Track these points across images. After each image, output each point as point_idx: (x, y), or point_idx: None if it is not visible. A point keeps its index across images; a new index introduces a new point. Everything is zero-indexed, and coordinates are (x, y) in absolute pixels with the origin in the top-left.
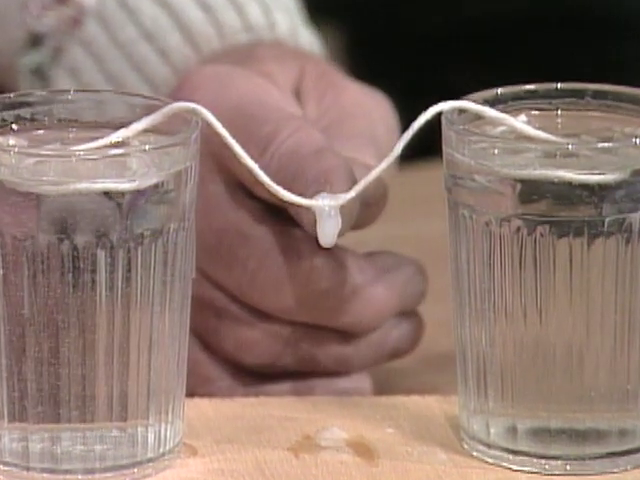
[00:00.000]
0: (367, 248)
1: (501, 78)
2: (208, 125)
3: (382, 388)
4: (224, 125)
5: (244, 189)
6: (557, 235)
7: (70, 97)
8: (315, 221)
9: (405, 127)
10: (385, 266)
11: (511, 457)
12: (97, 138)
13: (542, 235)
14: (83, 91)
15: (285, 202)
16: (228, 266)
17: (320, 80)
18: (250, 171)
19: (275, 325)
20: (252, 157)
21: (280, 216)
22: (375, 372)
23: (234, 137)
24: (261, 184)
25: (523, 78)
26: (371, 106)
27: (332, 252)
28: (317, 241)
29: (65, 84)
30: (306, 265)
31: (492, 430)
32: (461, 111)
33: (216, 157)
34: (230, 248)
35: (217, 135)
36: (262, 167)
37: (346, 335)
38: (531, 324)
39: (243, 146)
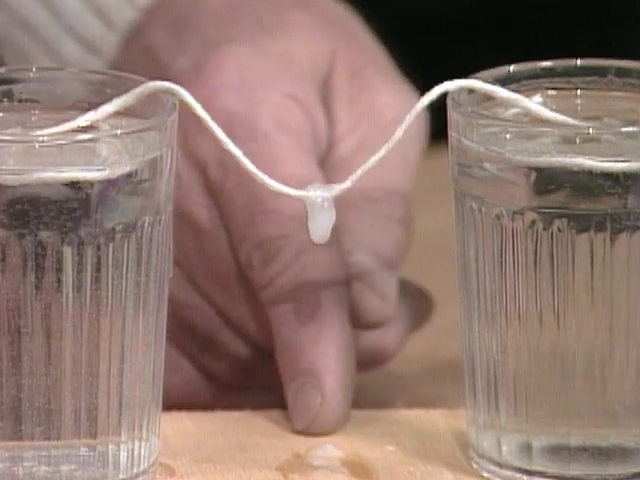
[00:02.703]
0: None
1: (513, 58)
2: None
3: (381, 401)
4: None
5: None
6: (577, 230)
7: (32, 75)
8: (307, 215)
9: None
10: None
11: (525, 478)
12: (63, 122)
13: (560, 230)
14: (47, 69)
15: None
16: (232, 296)
17: (354, 77)
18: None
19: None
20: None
21: None
22: (373, 384)
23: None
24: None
25: (537, 57)
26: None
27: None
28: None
29: None
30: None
31: (504, 448)
32: (469, 91)
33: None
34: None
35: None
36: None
37: None
38: (548, 329)
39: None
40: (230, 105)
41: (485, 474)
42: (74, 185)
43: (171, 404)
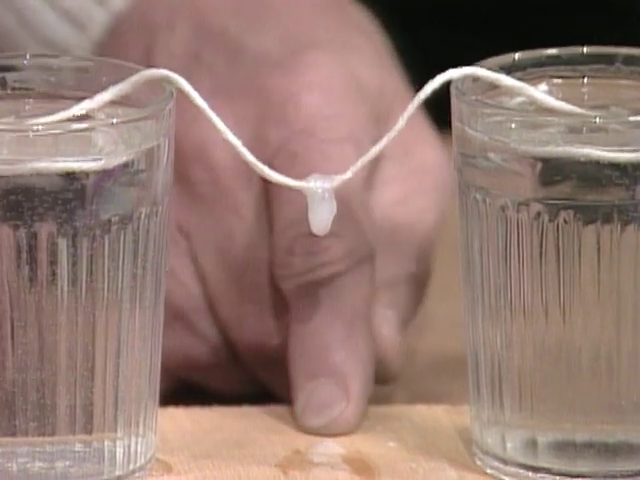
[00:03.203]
0: None
1: (516, 47)
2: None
3: (383, 396)
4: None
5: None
6: (583, 222)
7: (26, 62)
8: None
9: None
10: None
11: (530, 475)
12: (57, 110)
13: (566, 222)
14: (41, 56)
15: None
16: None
17: (409, 132)
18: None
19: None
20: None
21: None
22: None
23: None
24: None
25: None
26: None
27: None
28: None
29: None
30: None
31: (509, 444)
32: (473, 79)
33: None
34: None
35: None
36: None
37: None
38: (553, 323)
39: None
40: (314, 104)
41: (489, 471)
42: (69, 175)
43: (167, 367)
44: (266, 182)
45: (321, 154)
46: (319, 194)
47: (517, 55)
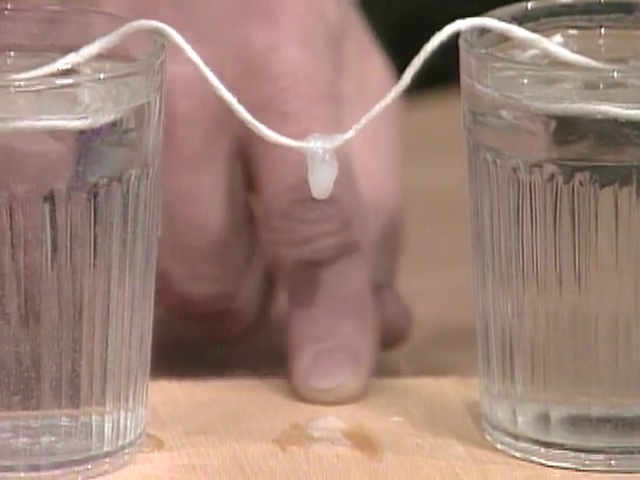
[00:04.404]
0: None
1: None
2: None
3: (387, 368)
4: None
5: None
6: (600, 184)
7: (7, 14)
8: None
9: (403, 68)
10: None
11: (543, 450)
12: (41, 65)
13: (581, 184)
14: (23, 9)
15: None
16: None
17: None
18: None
19: None
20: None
21: None
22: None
23: None
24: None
25: None
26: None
27: None
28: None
29: None
30: None
31: (520, 418)
32: (483, 31)
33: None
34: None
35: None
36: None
37: None
38: (568, 291)
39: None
40: (298, 60)
41: (499, 446)
42: (53, 135)
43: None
44: (246, 139)
45: (309, 114)
46: (319, 155)
47: (530, 4)
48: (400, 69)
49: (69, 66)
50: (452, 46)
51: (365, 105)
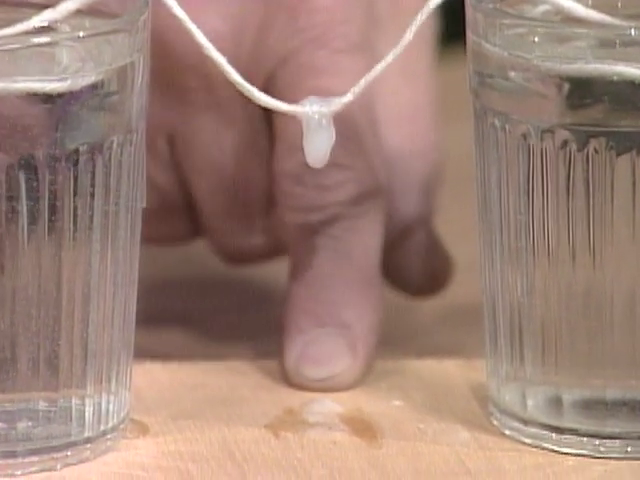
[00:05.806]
0: None
1: None
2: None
3: (387, 350)
4: None
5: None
6: (616, 151)
7: None
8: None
9: None
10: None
11: (554, 436)
12: (15, 22)
13: (596, 151)
14: None
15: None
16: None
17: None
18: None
19: None
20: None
21: None
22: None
23: None
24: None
25: None
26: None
27: None
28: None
29: None
30: None
31: (530, 402)
32: None
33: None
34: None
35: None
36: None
37: None
38: (581, 266)
39: None
40: (329, 8)
41: (507, 432)
42: (29, 98)
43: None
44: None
45: (333, 66)
46: (315, 120)
47: None
48: None
49: (46, 23)
50: (454, 3)
51: (399, 27)
